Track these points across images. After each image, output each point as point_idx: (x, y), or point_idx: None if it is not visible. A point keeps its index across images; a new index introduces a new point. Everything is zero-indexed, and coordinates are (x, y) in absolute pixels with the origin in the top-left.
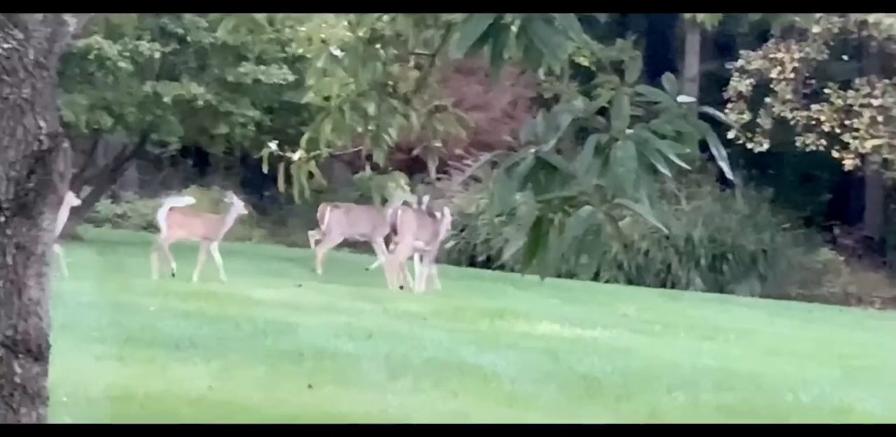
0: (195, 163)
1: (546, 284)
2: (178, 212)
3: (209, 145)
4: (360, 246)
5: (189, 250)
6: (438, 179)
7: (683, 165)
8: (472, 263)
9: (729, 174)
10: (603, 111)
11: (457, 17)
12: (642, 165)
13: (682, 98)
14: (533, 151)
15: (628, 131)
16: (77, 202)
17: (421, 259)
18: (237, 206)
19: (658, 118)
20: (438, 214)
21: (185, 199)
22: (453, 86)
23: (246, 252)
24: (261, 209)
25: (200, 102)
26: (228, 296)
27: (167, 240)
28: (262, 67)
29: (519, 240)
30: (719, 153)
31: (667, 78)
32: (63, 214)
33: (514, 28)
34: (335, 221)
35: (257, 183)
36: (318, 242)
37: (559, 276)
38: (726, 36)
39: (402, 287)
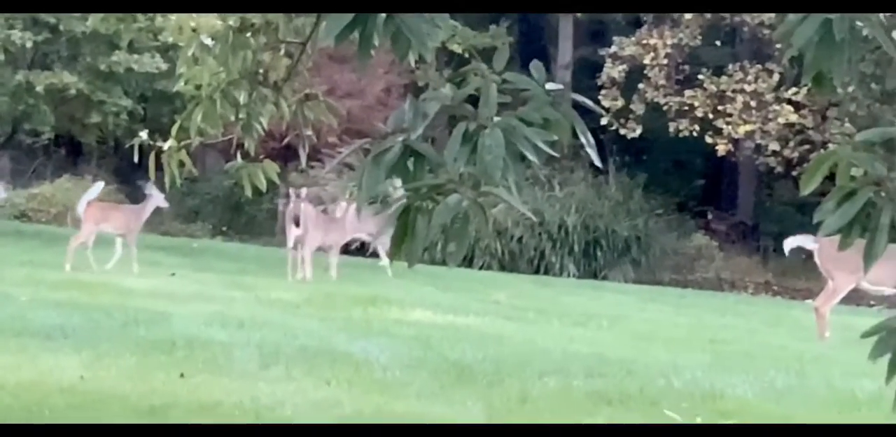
0: (68, 152)
1: (420, 271)
2: (96, 206)
3: (82, 135)
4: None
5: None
6: (312, 167)
7: (551, 152)
8: (346, 250)
9: (597, 161)
10: (473, 99)
11: None
12: (510, 153)
13: (549, 85)
14: (401, 138)
15: (496, 119)
16: None
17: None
18: (156, 197)
19: (526, 106)
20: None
21: (97, 186)
22: (326, 73)
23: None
24: (134, 199)
25: (73, 91)
26: (101, 285)
27: (87, 236)
28: (135, 56)
29: (388, 228)
30: (587, 141)
31: (534, 66)
32: None
33: (382, 16)
34: (318, 220)
35: (130, 172)
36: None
37: (433, 263)
38: (599, 22)
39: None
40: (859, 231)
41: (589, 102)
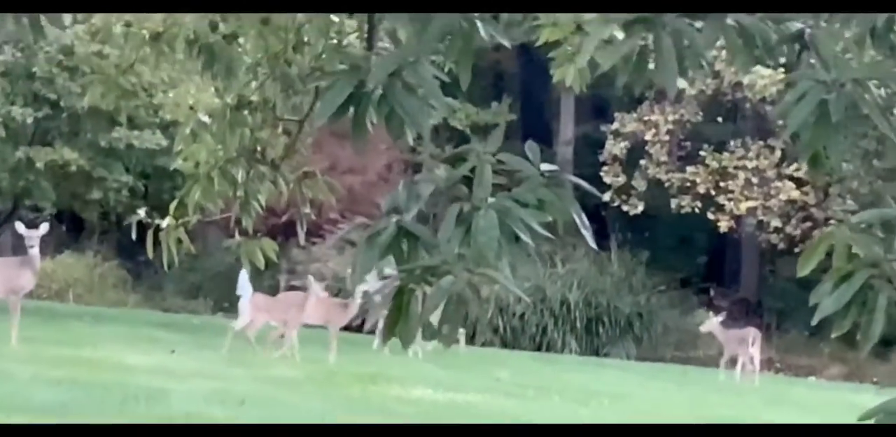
0: (69, 228)
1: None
2: (260, 296)
3: (83, 210)
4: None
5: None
6: (314, 243)
7: (546, 233)
8: (347, 327)
9: (592, 244)
10: (470, 180)
11: (324, 83)
12: (504, 234)
13: (545, 166)
14: (395, 219)
15: (490, 200)
16: None
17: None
18: (315, 289)
19: (521, 186)
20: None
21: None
22: (327, 150)
23: (121, 318)
24: (136, 275)
25: (73, 168)
26: (101, 362)
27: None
28: (135, 132)
29: (382, 309)
30: (582, 222)
31: (529, 146)
32: None
33: (377, 93)
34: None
35: (132, 248)
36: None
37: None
38: (601, 98)
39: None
40: (855, 314)
41: (584, 184)
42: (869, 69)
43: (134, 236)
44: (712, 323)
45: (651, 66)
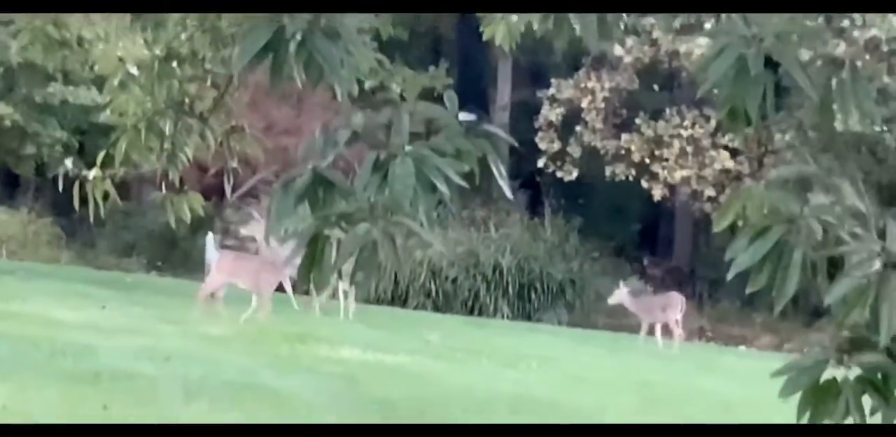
0: (4, 184)
1: (352, 309)
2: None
3: (17, 166)
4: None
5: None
6: (248, 203)
7: (462, 183)
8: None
9: (508, 193)
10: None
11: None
12: (421, 183)
13: (462, 115)
14: (310, 166)
15: (408, 148)
16: None
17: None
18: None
19: (438, 135)
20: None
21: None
22: (263, 110)
23: (53, 274)
24: (70, 232)
25: (8, 123)
26: (29, 316)
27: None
28: (70, 88)
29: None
30: (499, 172)
31: (448, 96)
32: None
33: (296, 40)
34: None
35: (67, 205)
36: None
37: (366, 302)
38: (538, 65)
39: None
40: (771, 269)
41: (500, 132)
42: (789, 24)
43: (60, 188)
44: (620, 294)
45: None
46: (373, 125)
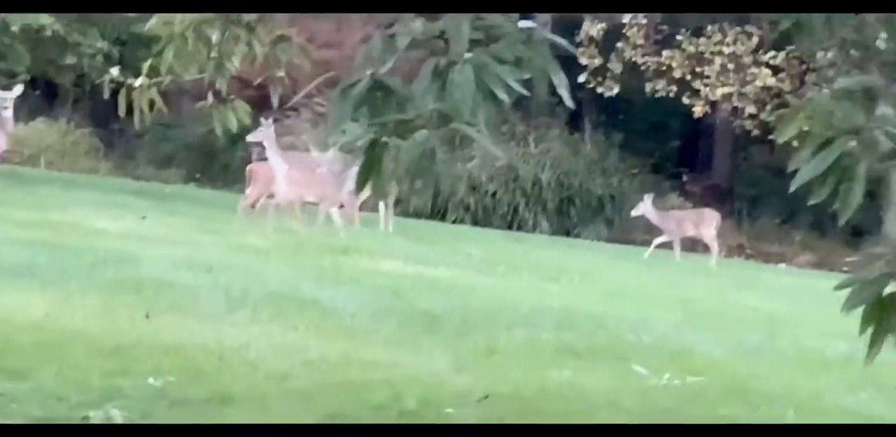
0: (43, 94)
1: (392, 222)
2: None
3: (57, 76)
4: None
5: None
6: (288, 116)
7: (522, 91)
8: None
9: (568, 102)
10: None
11: None
12: (480, 91)
13: (522, 23)
14: (369, 72)
15: (467, 56)
16: None
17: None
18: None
19: (498, 43)
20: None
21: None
22: (304, 23)
23: (92, 184)
24: (108, 143)
25: (48, 32)
26: (70, 225)
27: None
28: None
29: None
30: (560, 80)
31: None
32: None
33: None
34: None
35: (106, 116)
36: None
37: (406, 216)
38: None
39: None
40: (834, 182)
41: (562, 41)
42: None
43: (106, 95)
44: (644, 206)
45: None
46: (431, 33)
